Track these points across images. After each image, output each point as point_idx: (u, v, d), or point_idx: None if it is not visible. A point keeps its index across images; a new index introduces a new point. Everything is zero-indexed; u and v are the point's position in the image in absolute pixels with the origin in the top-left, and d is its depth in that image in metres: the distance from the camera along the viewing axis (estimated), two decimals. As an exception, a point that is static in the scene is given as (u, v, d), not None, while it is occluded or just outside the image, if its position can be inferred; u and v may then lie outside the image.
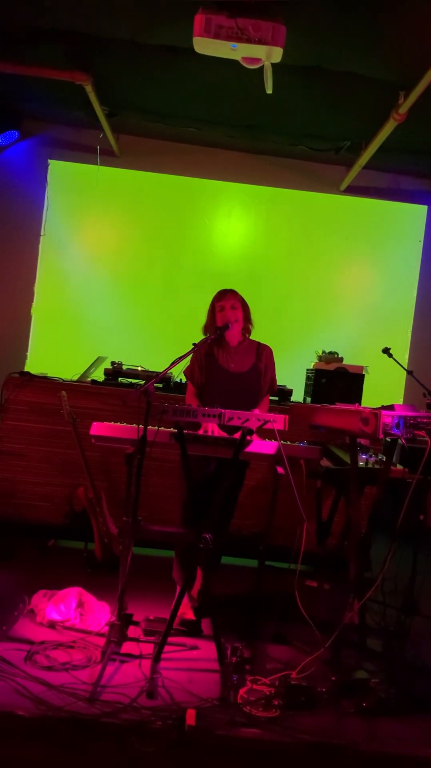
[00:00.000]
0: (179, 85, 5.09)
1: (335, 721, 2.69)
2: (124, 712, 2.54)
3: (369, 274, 6.47)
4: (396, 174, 6.38)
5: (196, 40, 3.68)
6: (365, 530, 3.42)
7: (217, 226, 6.45)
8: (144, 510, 3.17)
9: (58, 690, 2.65)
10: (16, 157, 6.28)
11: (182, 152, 6.29)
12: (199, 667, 3.04)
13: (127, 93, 5.37)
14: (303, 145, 5.90)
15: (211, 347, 3.72)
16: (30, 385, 4.70)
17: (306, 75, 4.57)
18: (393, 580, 3.42)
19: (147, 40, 4.41)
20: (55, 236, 6.33)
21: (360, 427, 2.89)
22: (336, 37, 4.12)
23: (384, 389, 5.89)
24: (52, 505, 4.67)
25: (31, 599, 3.48)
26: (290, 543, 3.32)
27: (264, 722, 2.59)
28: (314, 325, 6.34)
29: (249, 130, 5.77)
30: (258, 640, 3.35)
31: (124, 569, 3.05)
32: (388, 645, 3.41)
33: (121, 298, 6.33)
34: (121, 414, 4.16)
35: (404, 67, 4.28)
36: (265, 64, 3.90)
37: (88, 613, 3.39)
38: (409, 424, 2.95)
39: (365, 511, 3.55)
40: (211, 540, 3.01)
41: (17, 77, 5.00)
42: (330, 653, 3.06)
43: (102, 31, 4.39)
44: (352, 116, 5.25)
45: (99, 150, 6.13)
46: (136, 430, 3.09)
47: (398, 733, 2.66)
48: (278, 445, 3.13)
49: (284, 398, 4.94)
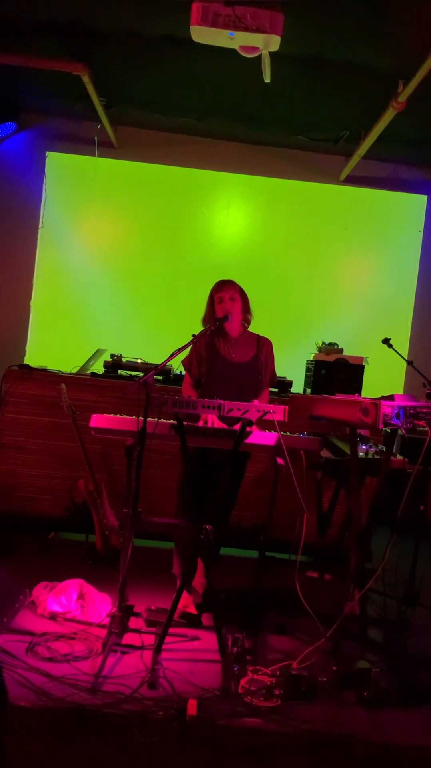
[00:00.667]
0: (177, 75, 5.06)
1: (336, 711, 2.69)
2: (126, 702, 2.55)
3: (369, 265, 6.45)
4: (396, 164, 6.35)
5: (194, 29, 3.65)
6: (365, 521, 3.43)
7: (216, 218, 6.42)
8: (144, 502, 3.17)
9: (59, 681, 2.66)
10: (13, 149, 6.25)
11: (181, 143, 6.26)
12: (200, 657, 3.04)
13: (124, 84, 5.34)
14: (302, 135, 5.87)
15: (212, 338, 3.71)
16: (29, 378, 4.70)
17: (304, 64, 4.55)
18: (393, 570, 3.42)
19: (145, 30, 4.38)
20: (53, 229, 6.30)
21: (360, 418, 2.88)
22: (335, 25, 4.09)
23: (384, 380, 5.88)
24: (52, 498, 4.67)
25: (32, 591, 3.48)
26: (291, 534, 3.32)
27: (265, 712, 2.60)
28: (314, 316, 6.32)
29: (247, 120, 5.74)
30: (259, 631, 3.36)
31: (124, 561, 3.05)
32: (389, 635, 3.41)
33: (120, 289, 6.31)
34: (120, 406, 4.16)
35: (403, 56, 4.24)
36: (263, 53, 3.88)
37: (89, 604, 3.39)
38: (409, 415, 2.95)
39: (365, 502, 3.55)
40: (212, 531, 3.01)
41: (15, 69, 4.97)
42: (331, 644, 3.07)
43: (99, 22, 4.36)
44: (351, 106, 5.22)
45: (97, 142, 6.10)
46: (136, 422, 3.08)
47: (399, 723, 2.67)
48: (278, 437, 3.13)
49: (284, 389, 4.93)
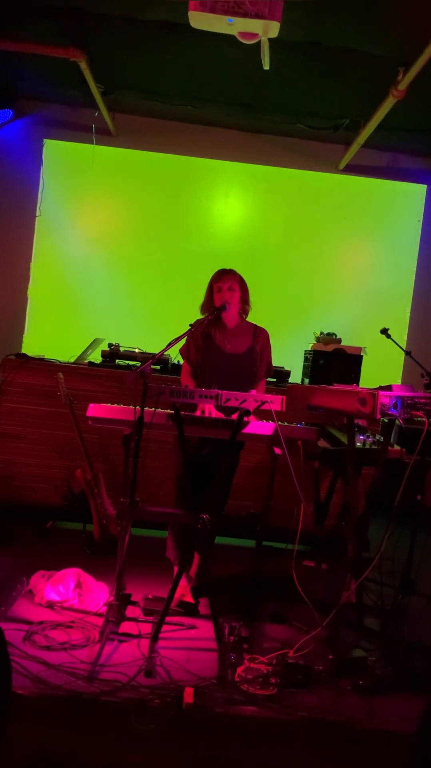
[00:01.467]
0: (175, 62, 5.01)
1: (332, 699, 2.71)
2: (123, 690, 2.57)
3: (368, 254, 6.42)
4: (395, 153, 6.31)
5: (192, 15, 3.59)
6: (362, 510, 3.43)
7: (215, 206, 6.39)
8: (141, 491, 3.17)
9: (56, 669, 2.67)
10: (10, 137, 6.20)
11: (179, 131, 6.21)
12: (196, 646, 3.06)
13: (122, 71, 5.29)
14: (302, 123, 5.83)
15: (208, 327, 3.70)
16: (27, 367, 4.68)
17: (304, 51, 4.50)
18: (390, 559, 3.44)
19: (143, 15, 4.33)
20: (50, 216, 6.27)
21: (357, 408, 2.88)
22: (335, 12, 4.05)
23: (382, 370, 5.88)
24: (50, 487, 4.67)
25: (30, 580, 3.49)
26: (288, 523, 3.33)
27: (261, 700, 2.62)
28: (312, 306, 6.30)
29: (246, 108, 5.70)
30: (256, 620, 3.37)
31: (122, 550, 3.05)
32: (386, 624, 3.43)
33: (117, 278, 6.28)
34: (118, 396, 4.16)
35: (403, 43, 4.21)
36: (262, 40, 3.82)
37: (86, 593, 3.40)
38: (407, 405, 2.95)
39: (363, 492, 3.56)
40: (209, 520, 3.01)
41: (12, 55, 4.92)
42: (328, 632, 3.08)
43: (97, 7, 4.31)
44: (351, 93, 5.18)
45: (95, 129, 6.06)
46: (133, 412, 3.08)
47: (395, 710, 2.68)
48: (276, 426, 3.12)
49: (282, 379, 4.92)
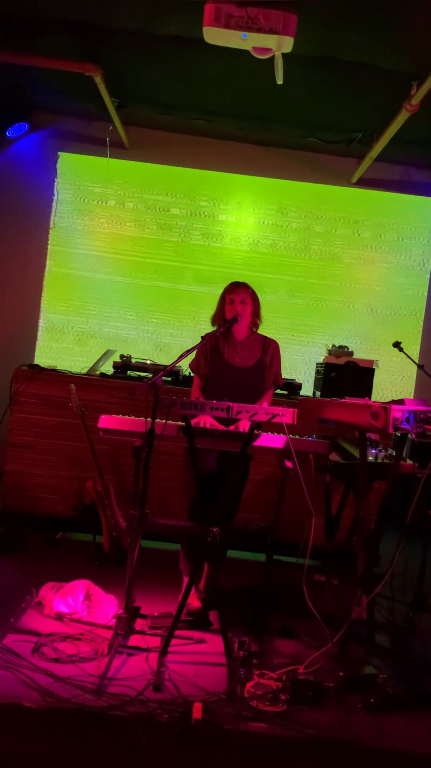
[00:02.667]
0: (189, 76, 5.05)
1: (342, 717, 2.68)
2: (131, 705, 2.55)
3: (380, 267, 6.41)
4: (408, 166, 6.31)
5: (206, 30, 3.63)
6: (374, 525, 3.41)
7: (227, 219, 6.41)
8: (152, 503, 3.16)
9: (65, 682, 2.66)
10: (26, 149, 6.27)
11: (192, 144, 6.25)
12: (205, 660, 3.04)
13: (137, 84, 5.34)
14: (315, 137, 5.84)
15: (218, 340, 3.70)
16: (39, 378, 4.71)
17: (317, 65, 4.52)
18: (401, 575, 3.41)
19: (157, 30, 4.37)
20: (64, 228, 6.31)
21: (369, 422, 2.87)
22: (349, 26, 4.06)
23: (394, 383, 5.86)
24: (60, 498, 4.68)
25: (39, 591, 3.48)
26: (298, 537, 3.31)
27: (271, 717, 2.59)
28: (324, 318, 6.30)
29: (259, 121, 5.72)
30: (266, 634, 3.34)
31: (131, 562, 3.05)
32: (396, 640, 3.40)
33: (130, 290, 6.31)
34: (129, 407, 4.17)
35: (417, 57, 4.22)
36: (276, 54, 3.86)
37: (95, 605, 3.39)
38: (419, 419, 2.93)
39: (374, 506, 3.53)
40: (219, 533, 3.00)
41: (27, 69, 4.98)
42: (338, 648, 3.05)
43: (112, 22, 4.36)
44: (364, 107, 5.19)
45: (109, 142, 6.11)
46: (144, 424, 3.08)
47: (406, 729, 2.65)
48: (287, 439, 3.11)
49: (293, 392, 4.91)
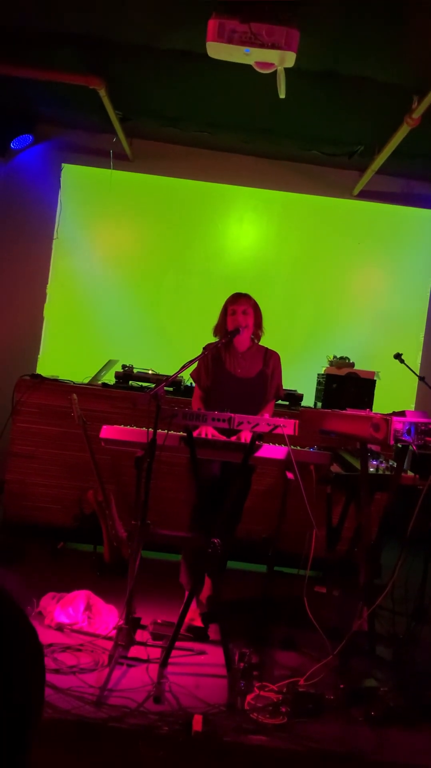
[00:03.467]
0: (193, 89, 5.10)
1: (343, 730, 2.67)
2: (131, 716, 2.54)
3: (381, 279, 6.44)
4: (410, 179, 6.35)
5: (210, 45, 3.68)
6: (375, 537, 3.40)
7: (229, 230, 6.44)
8: (153, 513, 3.17)
9: (65, 693, 2.66)
10: (30, 161, 6.32)
11: (195, 156, 6.30)
12: (206, 672, 3.03)
13: (140, 97, 5.39)
14: (316, 149, 5.89)
15: (219, 351, 3.72)
16: (41, 388, 4.72)
17: (320, 79, 4.56)
18: (403, 587, 3.39)
19: (161, 44, 4.42)
20: (67, 239, 6.35)
21: (371, 433, 2.87)
22: (351, 41, 4.11)
23: (395, 395, 5.86)
24: (61, 508, 4.68)
25: (40, 602, 3.48)
26: (300, 549, 3.31)
27: (271, 729, 2.58)
28: (325, 330, 6.31)
29: (262, 134, 5.77)
30: (267, 646, 3.34)
31: (132, 573, 3.05)
32: (398, 653, 3.38)
33: (132, 301, 6.33)
34: (131, 417, 4.18)
35: (418, 72, 4.26)
36: (278, 69, 3.90)
37: (95, 616, 3.38)
38: (421, 431, 2.94)
39: (375, 518, 3.53)
40: (220, 545, 3.00)
41: (32, 81, 5.03)
42: (339, 660, 3.04)
43: (116, 36, 4.41)
44: (366, 121, 5.23)
45: (112, 154, 6.15)
46: (146, 434, 3.09)
47: (407, 742, 2.64)
48: (288, 450, 3.12)
49: (294, 403, 4.92)
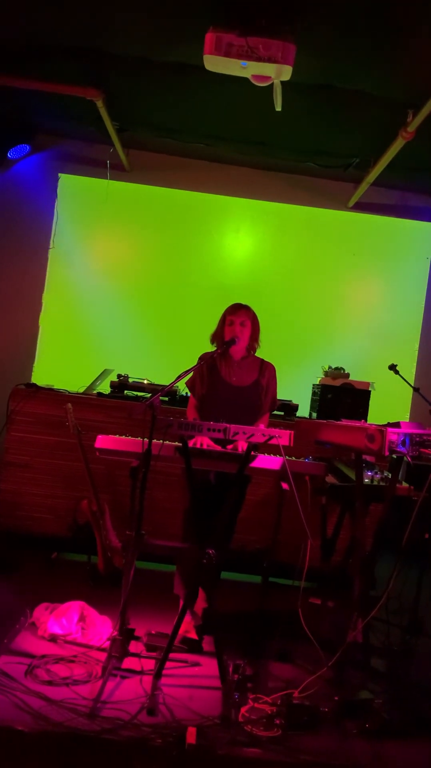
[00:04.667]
0: (190, 101, 5.13)
1: (338, 742, 2.66)
2: (124, 728, 2.52)
3: (377, 291, 6.47)
4: (404, 191, 6.40)
5: (207, 58, 3.71)
6: (370, 548, 3.40)
7: (225, 241, 6.47)
8: (147, 524, 3.16)
9: (58, 705, 2.64)
10: (27, 171, 6.33)
11: (191, 168, 6.33)
12: (200, 684, 3.01)
13: (138, 109, 5.42)
14: (312, 161, 5.92)
15: (215, 360, 3.73)
16: (36, 397, 4.71)
17: (315, 93, 4.60)
18: (398, 598, 3.39)
19: (159, 57, 4.45)
20: (63, 249, 6.36)
21: (365, 444, 2.88)
22: (346, 56, 4.15)
23: (390, 406, 5.86)
24: (55, 518, 4.66)
25: (33, 612, 3.46)
26: (294, 560, 3.29)
27: (265, 742, 2.57)
28: (321, 341, 6.33)
29: (258, 146, 5.81)
30: (261, 658, 3.32)
31: (126, 583, 3.03)
32: (393, 665, 3.37)
33: (128, 311, 6.34)
34: (126, 427, 4.17)
35: (413, 86, 4.30)
36: (275, 82, 3.93)
37: (89, 627, 3.36)
38: (415, 442, 2.94)
39: (370, 529, 3.53)
40: (214, 556, 2.99)
41: (30, 92, 5.05)
42: (334, 672, 3.03)
43: (114, 48, 4.44)
44: (361, 134, 5.27)
45: (109, 164, 6.17)
46: (141, 444, 3.08)
47: (402, 755, 2.63)
48: (283, 461, 3.12)
49: (290, 413, 4.92)
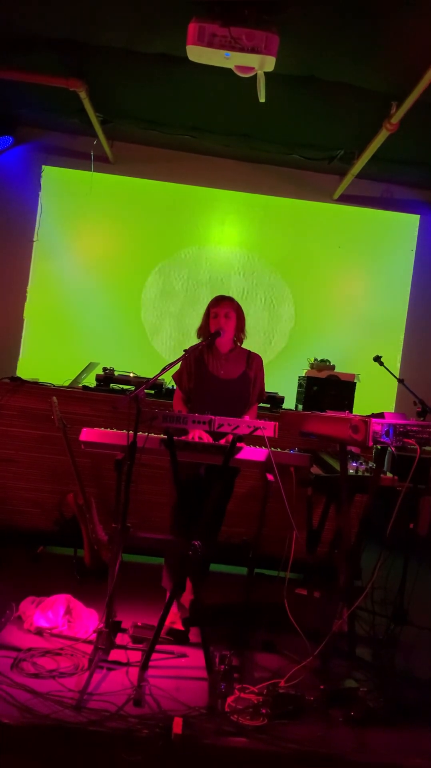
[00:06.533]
0: (174, 93, 5.11)
1: (323, 731, 2.67)
2: (111, 720, 2.53)
3: (362, 283, 6.50)
4: (389, 183, 6.42)
5: (190, 49, 3.69)
6: (355, 538, 3.42)
7: (211, 234, 6.46)
8: (133, 517, 3.16)
9: (44, 698, 2.63)
10: (10, 163, 6.29)
11: (176, 159, 6.32)
12: (186, 675, 3.02)
13: (121, 100, 5.39)
14: (297, 154, 5.93)
15: (202, 353, 3.72)
16: (21, 391, 4.68)
17: (299, 84, 4.60)
18: (382, 588, 3.42)
19: (142, 48, 4.43)
20: (48, 242, 6.33)
21: (350, 435, 2.89)
22: (330, 47, 4.15)
23: (375, 397, 5.90)
24: (41, 512, 4.65)
25: (19, 606, 3.45)
26: (280, 551, 3.31)
27: (251, 731, 2.58)
28: (306, 333, 6.35)
29: (243, 138, 5.80)
30: (247, 649, 3.33)
31: (112, 576, 3.03)
32: (377, 654, 3.40)
33: (113, 303, 6.33)
34: (111, 420, 4.16)
35: (396, 78, 4.31)
36: (258, 73, 3.93)
37: (76, 620, 3.36)
38: (399, 432, 2.95)
39: (355, 519, 3.55)
40: (200, 548, 3.00)
41: (12, 83, 5.01)
42: (319, 662, 3.05)
43: (97, 39, 4.41)
44: (345, 126, 5.28)
45: (93, 156, 6.14)
46: (126, 437, 3.08)
47: (386, 742, 2.65)
48: (268, 452, 3.13)
49: (275, 405, 4.94)
